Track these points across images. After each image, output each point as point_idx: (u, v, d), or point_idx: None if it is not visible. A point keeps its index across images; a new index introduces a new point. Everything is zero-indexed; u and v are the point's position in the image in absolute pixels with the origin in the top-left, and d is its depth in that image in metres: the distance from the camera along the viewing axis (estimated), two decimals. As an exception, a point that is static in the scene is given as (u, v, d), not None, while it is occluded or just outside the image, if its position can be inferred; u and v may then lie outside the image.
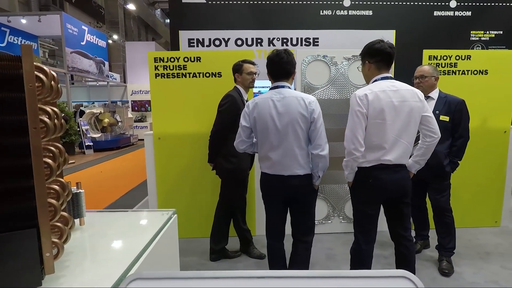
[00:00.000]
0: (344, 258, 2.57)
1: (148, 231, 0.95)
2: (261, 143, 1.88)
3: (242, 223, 2.66)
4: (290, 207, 1.97)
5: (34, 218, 0.64)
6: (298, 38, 5.08)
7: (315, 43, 5.09)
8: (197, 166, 2.90)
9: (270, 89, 1.87)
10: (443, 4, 5.31)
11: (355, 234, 1.96)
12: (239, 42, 5.06)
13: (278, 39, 5.06)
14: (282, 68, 1.84)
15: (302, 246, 1.96)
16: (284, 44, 5.07)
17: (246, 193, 2.65)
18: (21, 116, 0.62)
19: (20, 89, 0.63)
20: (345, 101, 2.91)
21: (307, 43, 5.07)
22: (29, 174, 0.63)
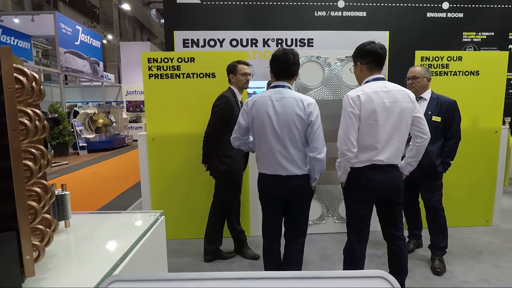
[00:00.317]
0: (338, 258, 2.58)
1: (134, 233, 0.94)
2: (258, 142, 1.87)
3: (236, 224, 2.66)
4: (286, 207, 1.97)
5: (13, 221, 0.63)
6: (293, 39, 5.10)
7: (310, 44, 5.11)
8: (191, 167, 2.89)
9: (271, 87, 1.87)
10: (436, 5, 5.37)
11: (348, 234, 1.97)
12: (234, 43, 5.06)
13: (273, 40, 5.07)
14: (287, 68, 1.83)
15: (294, 247, 1.96)
16: (279, 44, 5.08)
17: (240, 193, 2.65)
18: (-1, 118, 0.61)
19: (-2, 91, 0.61)
20: (338, 101, 2.92)
21: (302, 44, 5.09)
22: (8, 177, 0.62)
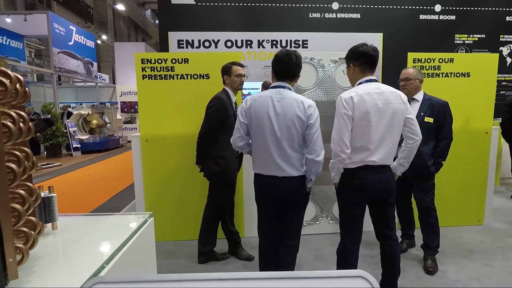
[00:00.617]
0: (332, 259, 2.58)
1: (122, 234, 0.94)
2: (255, 142, 1.87)
3: (230, 225, 2.66)
4: (281, 209, 1.96)
5: (-4, 223, 0.62)
6: (287, 40, 5.12)
7: (305, 45, 5.13)
8: (185, 168, 2.88)
9: (271, 87, 1.87)
10: (429, 8, 5.44)
11: (341, 234, 1.98)
12: (229, 44, 5.06)
13: (268, 41, 5.09)
14: (289, 69, 1.83)
15: (286, 251, 1.95)
16: (273, 46, 5.10)
17: (234, 195, 2.65)
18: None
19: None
20: (332, 103, 2.94)
21: (296, 45, 5.11)
22: (-10, 179, 0.60)
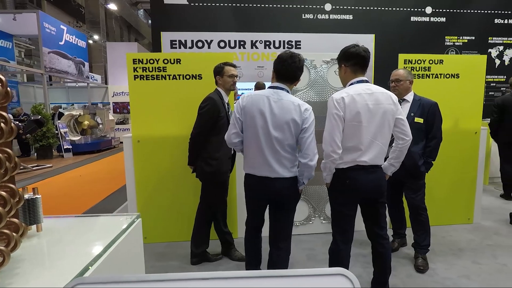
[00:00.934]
0: (325, 258, 2.60)
1: (108, 235, 0.93)
2: (248, 141, 1.85)
3: (223, 226, 2.65)
4: (271, 210, 1.97)
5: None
6: (280, 41, 5.14)
7: (298, 46, 5.16)
8: (177, 169, 2.86)
9: (269, 87, 1.86)
10: (419, 10, 5.52)
11: (333, 234, 1.99)
12: (222, 44, 5.06)
13: (261, 42, 5.10)
14: (292, 71, 1.82)
15: (276, 253, 1.95)
16: (266, 46, 5.12)
17: (226, 195, 2.64)
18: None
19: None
20: (324, 103, 2.95)
21: (290, 46, 5.13)
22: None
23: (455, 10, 5.60)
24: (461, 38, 5.74)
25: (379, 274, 2.05)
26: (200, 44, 5.06)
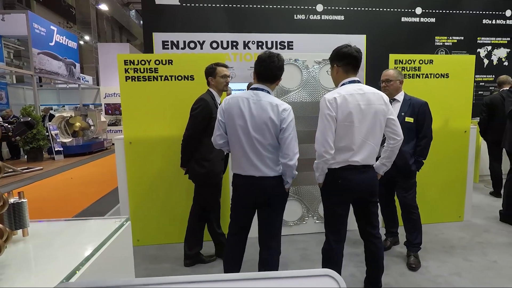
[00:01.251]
0: (318, 258, 2.59)
1: (96, 239, 0.92)
2: (232, 142, 1.87)
3: (216, 227, 2.64)
4: (259, 209, 1.97)
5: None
6: (273, 42, 5.14)
7: (290, 47, 5.17)
8: (170, 171, 2.84)
9: (250, 89, 1.87)
10: (410, 10, 5.59)
11: (326, 234, 2.00)
12: (215, 45, 5.04)
13: (254, 43, 5.10)
14: (271, 71, 1.83)
15: (267, 252, 1.95)
16: (259, 47, 5.11)
17: (220, 197, 2.63)
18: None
19: None
20: (316, 103, 2.96)
21: (282, 47, 5.14)
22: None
23: (445, 11, 5.69)
24: (450, 38, 5.83)
25: (372, 273, 2.07)
26: (192, 45, 5.04)
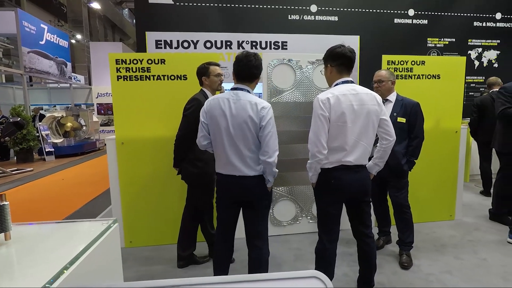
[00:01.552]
0: (312, 258, 2.59)
1: (82, 242, 0.89)
2: (214, 142, 1.89)
3: (210, 228, 2.62)
4: (243, 209, 1.97)
5: None
6: (267, 42, 5.14)
7: (284, 47, 5.17)
8: (163, 171, 2.82)
9: (231, 89, 1.89)
10: (403, 12, 5.65)
11: (319, 233, 2.01)
12: (208, 45, 5.02)
13: (248, 42, 5.09)
14: (248, 71, 1.85)
15: (255, 252, 1.95)
16: (253, 47, 5.11)
17: (213, 197, 2.61)
18: None
19: None
20: (309, 103, 2.97)
21: (276, 47, 5.14)
22: None
23: (437, 13, 5.76)
24: (442, 40, 5.91)
25: (365, 272, 2.08)
26: (186, 44, 5.00)
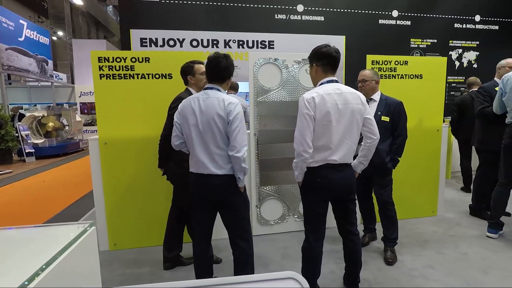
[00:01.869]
0: (299, 256, 2.61)
1: (54, 247, 0.85)
2: (187, 141, 1.91)
3: (196, 229, 2.59)
4: (218, 209, 1.98)
5: None
6: (254, 41, 5.14)
7: (271, 46, 5.18)
8: (148, 172, 2.76)
9: (203, 89, 1.93)
10: (387, 13, 5.77)
11: (306, 232, 2.02)
12: (195, 43, 4.97)
13: (234, 41, 5.07)
14: (217, 72, 1.89)
15: (238, 251, 1.95)
16: (240, 46, 5.09)
17: (200, 197, 2.59)
18: None
19: None
20: (295, 103, 2.98)
21: (263, 46, 5.15)
22: None
23: (419, 14, 5.91)
24: (424, 41, 6.07)
25: (351, 269, 2.11)
26: (171, 42, 4.93)
